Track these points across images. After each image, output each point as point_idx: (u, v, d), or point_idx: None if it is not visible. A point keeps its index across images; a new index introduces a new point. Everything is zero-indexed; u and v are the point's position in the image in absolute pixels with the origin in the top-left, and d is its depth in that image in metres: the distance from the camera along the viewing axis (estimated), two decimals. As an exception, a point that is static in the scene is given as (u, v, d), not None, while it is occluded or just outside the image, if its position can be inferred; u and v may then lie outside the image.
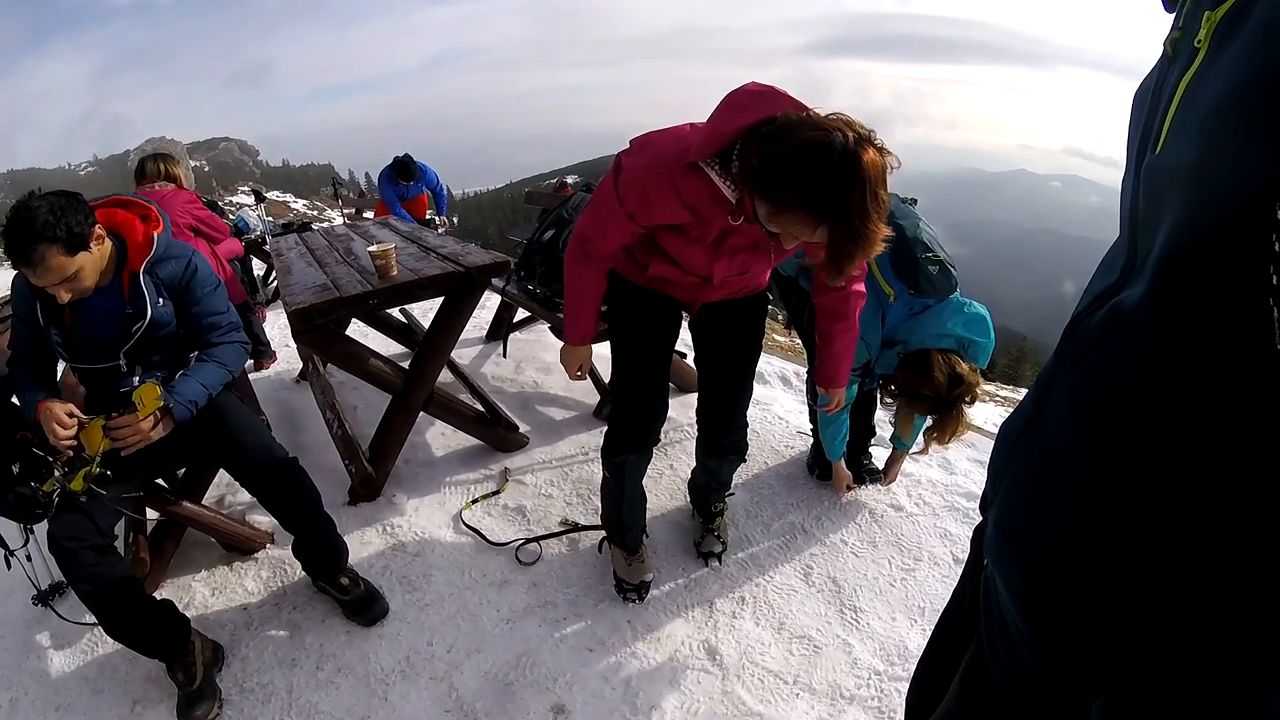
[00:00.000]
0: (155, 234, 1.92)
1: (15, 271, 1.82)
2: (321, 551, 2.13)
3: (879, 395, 2.35)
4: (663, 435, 2.10)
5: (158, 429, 1.81)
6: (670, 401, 2.08)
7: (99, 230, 1.77)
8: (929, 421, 2.14)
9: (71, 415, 1.77)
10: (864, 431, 2.68)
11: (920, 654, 1.14)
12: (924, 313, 2.08)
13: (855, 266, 1.33)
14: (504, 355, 3.98)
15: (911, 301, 2.08)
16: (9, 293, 1.95)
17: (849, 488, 2.61)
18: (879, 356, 2.17)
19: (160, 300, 1.91)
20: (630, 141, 1.59)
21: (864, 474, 2.66)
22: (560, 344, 2.03)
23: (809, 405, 2.79)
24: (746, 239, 1.59)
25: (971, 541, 0.93)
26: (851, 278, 1.71)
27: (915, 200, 2.21)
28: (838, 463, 2.51)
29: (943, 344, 2.04)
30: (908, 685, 1.18)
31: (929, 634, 1.11)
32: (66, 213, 1.66)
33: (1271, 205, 0.38)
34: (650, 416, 2.02)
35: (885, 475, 2.64)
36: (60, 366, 1.97)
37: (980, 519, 0.86)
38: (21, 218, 1.63)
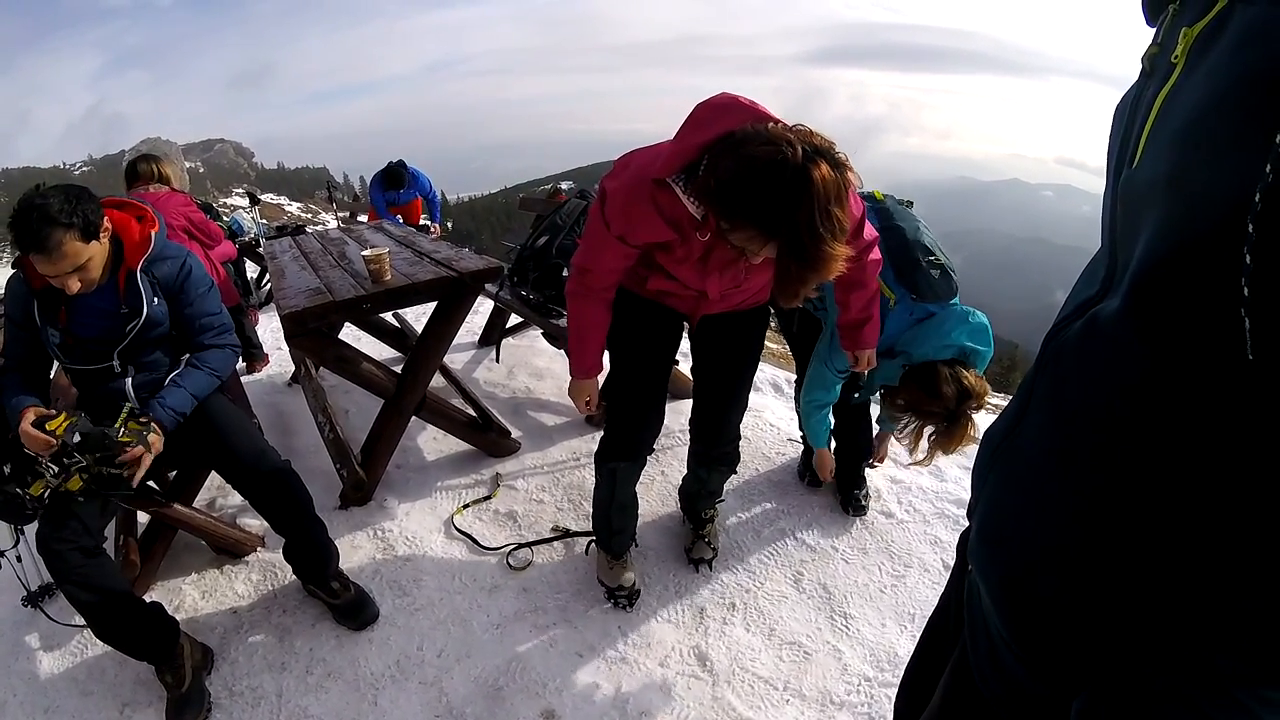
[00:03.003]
0: (152, 233, 1.93)
1: (10, 275, 1.83)
2: (312, 555, 2.13)
3: (882, 407, 2.27)
4: (656, 441, 2.10)
5: (156, 443, 1.83)
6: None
7: (107, 224, 1.80)
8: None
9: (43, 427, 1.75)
10: (856, 451, 2.58)
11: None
12: (927, 321, 2.02)
13: (807, 289, 1.29)
14: (497, 360, 3.98)
15: (913, 307, 2.03)
16: (3, 294, 1.95)
17: (833, 477, 2.57)
18: (879, 365, 2.10)
19: (155, 299, 1.91)
20: (614, 163, 1.60)
21: (853, 504, 2.59)
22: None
23: (798, 413, 2.79)
24: (731, 253, 1.52)
25: (957, 547, 0.94)
26: (867, 245, 1.69)
27: (911, 203, 2.19)
28: (821, 449, 2.45)
29: (945, 354, 1.98)
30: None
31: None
32: (81, 201, 1.71)
33: (1243, 217, 0.39)
34: (646, 426, 2.03)
35: (875, 453, 2.60)
36: (53, 368, 1.97)
37: (968, 525, 0.87)
38: (36, 205, 1.66)
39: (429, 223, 6.72)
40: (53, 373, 2.00)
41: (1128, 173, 0.56)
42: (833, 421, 2.41)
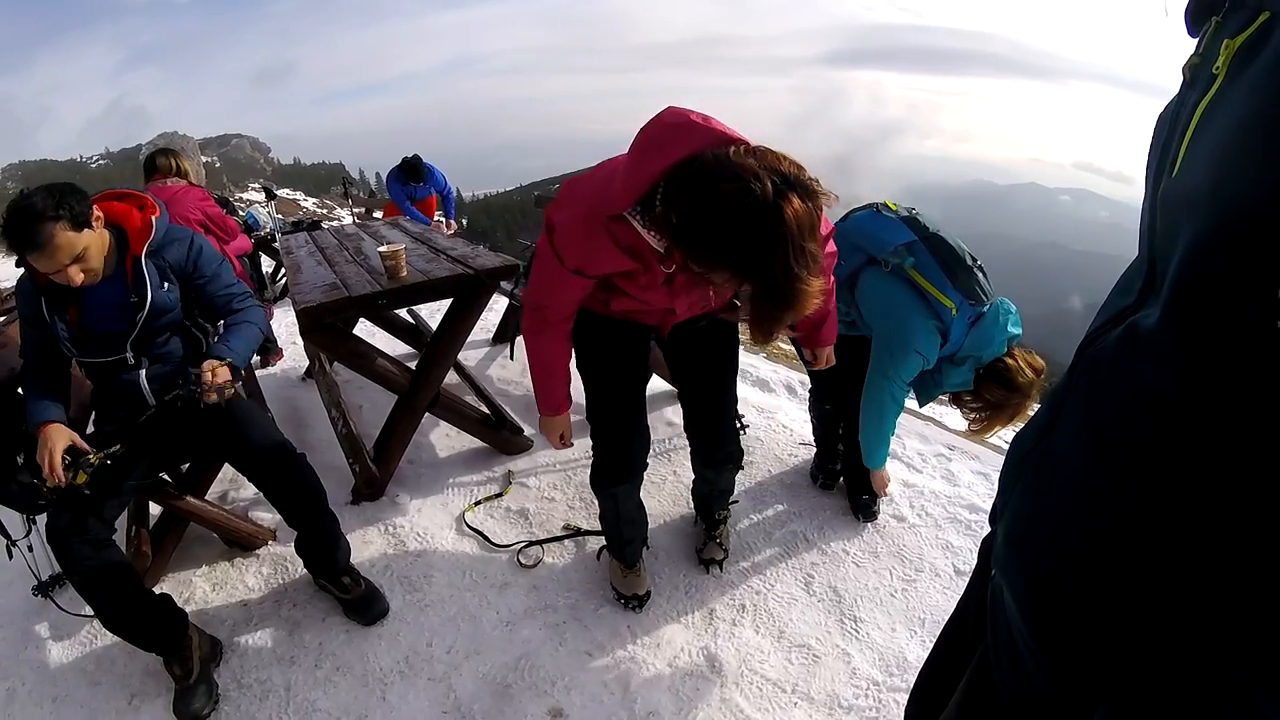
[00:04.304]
0: (153, 219, 1.94)
1: (20, 275, 1.84)
2: (323, 548, 2.14)
3: (961, 412, 2.25)
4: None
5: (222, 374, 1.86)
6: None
7: (97, 212, 1.80)
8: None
9: (69, 451, 1.76)
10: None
11: (919, 666, 1.14)
12: (981, 322, 2.05)
13: (783, 327, 1.22)
14: (511, 358, 3.98)
15: (970, 311, 2.04)
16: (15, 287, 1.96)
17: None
18: (946, 372, 2.12)
19: (164, 285, 1.92)
20: (559, 191, 1.52)
21: (863, 509, 2.57)
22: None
23: (812, 421, 2.77)
24: (695, 275, 1.38)
25: (979, 553, 0.93)
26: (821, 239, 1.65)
27: (913, 209, 2.19)
28: (880, 470, 2.42)
29: (1004, 348, 2.05)
30: (906, 696, 1.18)
31: (929, 645, 1.11)
32: (65, 195, 1.72)
33: None
34: (631, 448, 1.98)
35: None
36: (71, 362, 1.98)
37: (987, 530, 0.86)
38: (21, 207, 1.67)
39: (443, 219, 6.71)
40: None
41: (1167, 182, 0.55)
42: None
